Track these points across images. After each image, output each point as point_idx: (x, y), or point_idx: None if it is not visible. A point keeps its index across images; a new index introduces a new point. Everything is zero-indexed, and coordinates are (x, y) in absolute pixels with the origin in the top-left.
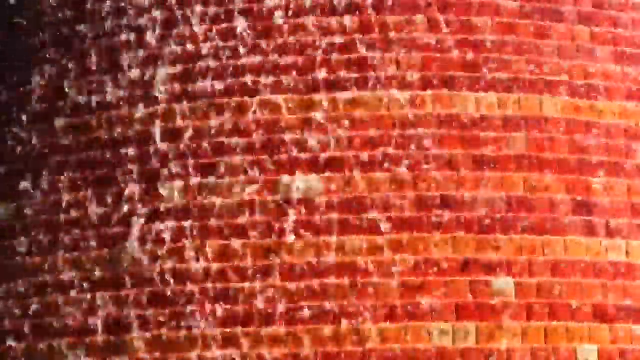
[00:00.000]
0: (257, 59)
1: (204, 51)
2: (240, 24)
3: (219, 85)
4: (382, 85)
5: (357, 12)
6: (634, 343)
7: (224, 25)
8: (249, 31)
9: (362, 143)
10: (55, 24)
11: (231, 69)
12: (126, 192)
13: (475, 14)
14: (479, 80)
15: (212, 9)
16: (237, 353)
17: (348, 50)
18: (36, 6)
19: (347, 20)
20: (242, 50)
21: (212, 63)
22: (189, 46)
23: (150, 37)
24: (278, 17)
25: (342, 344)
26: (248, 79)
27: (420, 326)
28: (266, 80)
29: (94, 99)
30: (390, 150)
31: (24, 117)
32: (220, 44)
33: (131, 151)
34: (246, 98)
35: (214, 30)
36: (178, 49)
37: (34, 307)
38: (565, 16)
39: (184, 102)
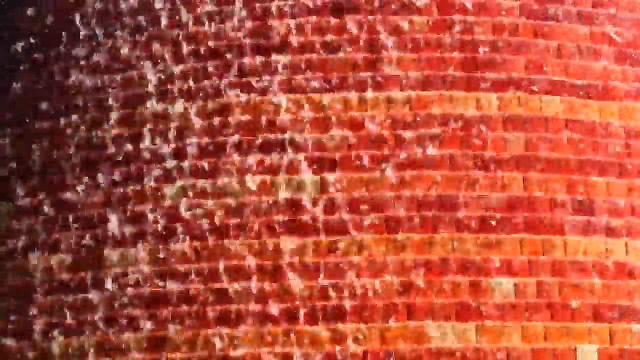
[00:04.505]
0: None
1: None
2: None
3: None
4: (381, 85)
5: (356, 13)
6: (634, 343)
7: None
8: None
9: (362, 143)
10: None
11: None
12: None
13: (475, 14)
14: (479, 80)
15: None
16: None
17: (347, 50)
18: None
19: (346, 20)
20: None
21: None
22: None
23: None
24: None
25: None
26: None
27: (421, 326)
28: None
29: None
30: (391, 150)
31: None
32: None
33: None
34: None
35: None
36: None
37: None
38: (565, 16)
39: None
